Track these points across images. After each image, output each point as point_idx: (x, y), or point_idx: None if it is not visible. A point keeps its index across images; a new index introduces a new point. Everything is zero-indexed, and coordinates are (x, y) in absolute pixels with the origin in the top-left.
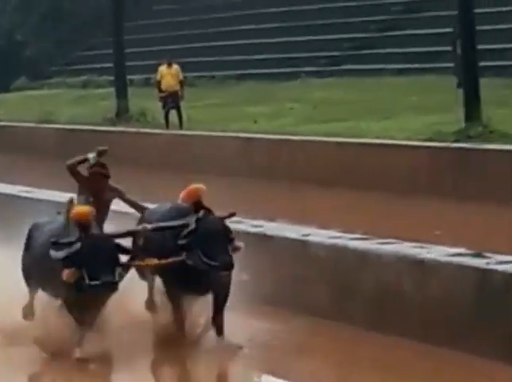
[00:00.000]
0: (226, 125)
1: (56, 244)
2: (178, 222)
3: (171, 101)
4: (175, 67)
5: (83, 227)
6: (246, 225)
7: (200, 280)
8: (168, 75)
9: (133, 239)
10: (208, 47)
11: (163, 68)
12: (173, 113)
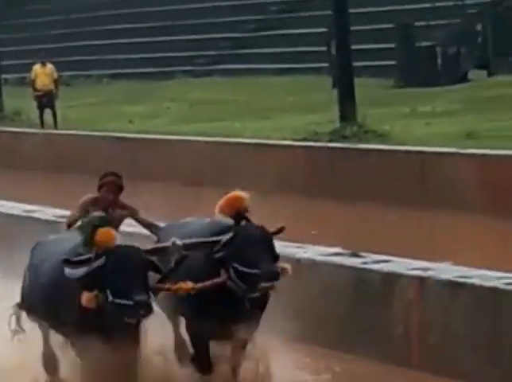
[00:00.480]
0: (102, 124)
1: (71, 262)
2: (215, 238)
3: (46, 100)
4: (49, 66)
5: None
6: None
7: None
8: (42, 74)
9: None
10: (84, 46)
11: (37, 67)
12: (48, 112)
